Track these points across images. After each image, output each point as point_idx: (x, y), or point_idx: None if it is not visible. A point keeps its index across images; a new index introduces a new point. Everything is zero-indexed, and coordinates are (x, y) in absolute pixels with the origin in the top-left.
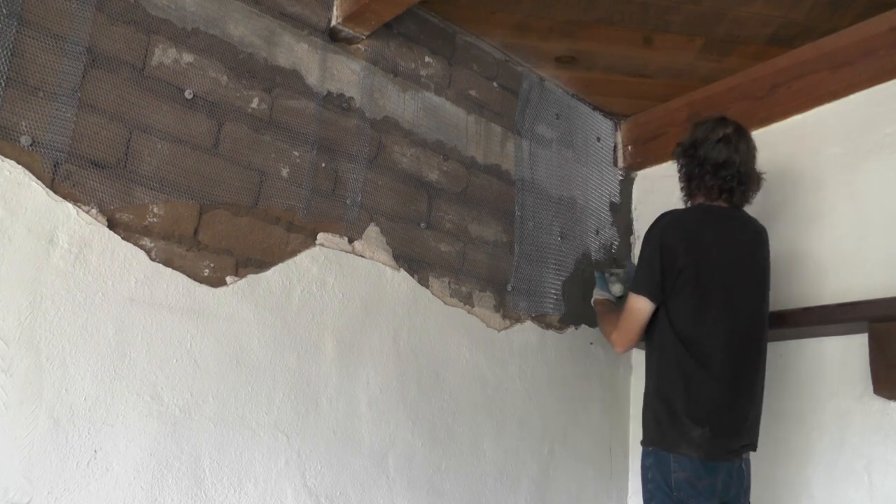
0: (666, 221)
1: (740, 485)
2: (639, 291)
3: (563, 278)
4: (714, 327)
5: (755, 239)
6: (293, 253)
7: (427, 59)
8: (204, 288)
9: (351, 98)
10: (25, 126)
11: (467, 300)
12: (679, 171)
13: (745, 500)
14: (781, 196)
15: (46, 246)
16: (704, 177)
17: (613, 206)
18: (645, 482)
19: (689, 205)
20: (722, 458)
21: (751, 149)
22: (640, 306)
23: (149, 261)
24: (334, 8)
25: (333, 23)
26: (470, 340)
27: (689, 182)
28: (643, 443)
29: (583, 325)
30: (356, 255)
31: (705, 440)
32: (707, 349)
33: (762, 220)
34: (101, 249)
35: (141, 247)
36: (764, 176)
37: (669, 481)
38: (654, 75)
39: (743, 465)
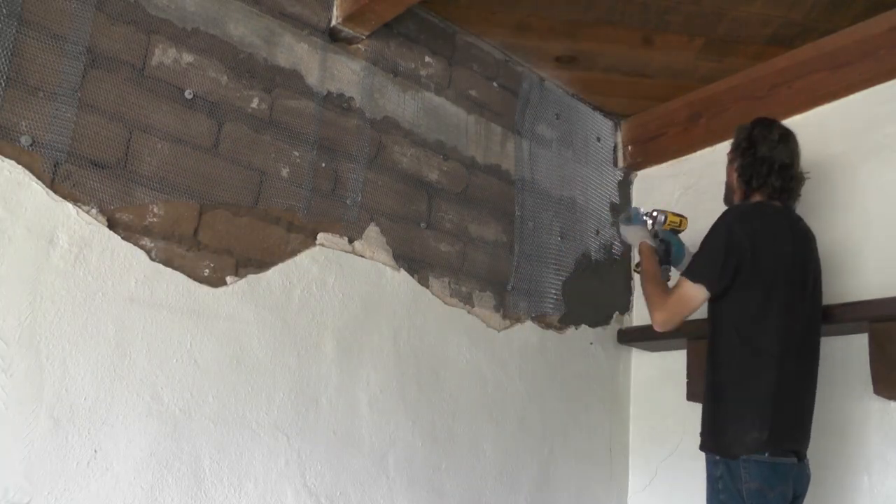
0: (735, 215)
1: (803, 486)
2: (697, 279)
3: (563, 278)
4: (775, 326)
5: (808, 238)
6: (293, 253)
7: (427, 59)
8: (204, 288)
9: (351, 98)
10: (25, 126)
11: (467, 300)
12: (737, 171)
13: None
14: None
15: (46, 246)
16: (770, 176)
17: (613, 206)
18: (715, 492)
19: (744, 201)
20: (785, 454)
21: (799, 149)
22: (695, 294)
23: (149, 261)
24: (334, 8)
25: (333, 23)
26: (470, 340)
27: (750, 181)
28: (702, 447)
29: (583, 325)
30: (356, 255)
31: (763, 441)
32: (768, 347)
33: None
34: (101, 249)
35: (141, 247)
36: (807, 175)
37: (742, 492)
38: (654, 75)
39: (808, 470)
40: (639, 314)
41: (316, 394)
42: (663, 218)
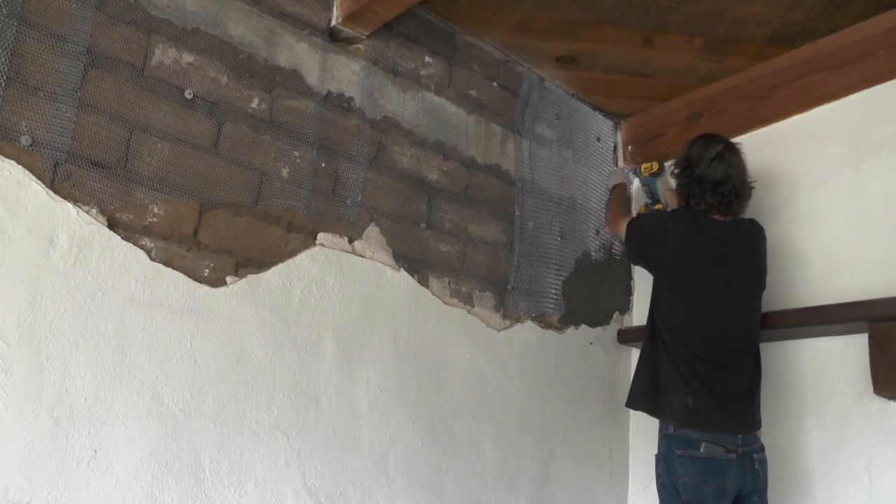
0: (674, 219)
1: (754, 483)
2: (627, 238)
3: (563, 278)
4: (694, 322)
5: (748, 241)
6: (293, 253)
7: (427, 59)
8: (204, 288)
9: (351, 98)
10: (25, 126)
11: (467, 300)
12: (677, 190)
13: (760, 499)
14: (782, 196)
15: (46, 246)
16: (705, 194)
17: None
18: (657, 487)
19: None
20: (717, 449)
21: (742, 162)
22: (622, 235)
23: (149, 261)
24: (334, 8)
25: (333, 23)
26: (470, 340)
27: (689, 200)
28: (628, 404)
29: (583, 325)
30: (356, 255)
31: (685, 410)
32: (685, 339)
33: (763, 221)
34: (101, 249)
35: (141, 247)
36: (753, 185)
37: (677, 486)
38: (654, 75)
39: (757, 466)
40: (639, 314)
41: (316, 394)
42: (640, 169)
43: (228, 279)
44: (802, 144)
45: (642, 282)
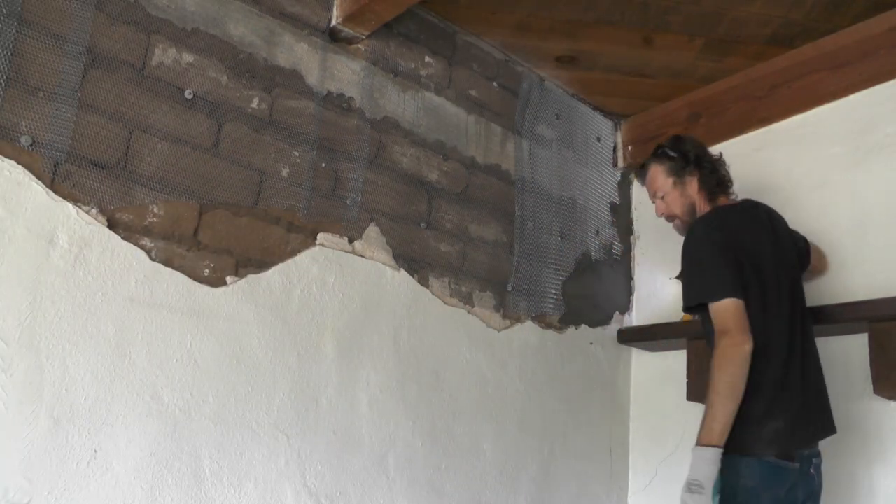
0: (709, 225)
1: (808, 490)
2: (718, 297)
3: (563, 278)
4: (773, 323)
5: (774, 219)
6: (293, 253)
7: (427, 59)
8: (204, 288)
9: (351, 98)
10: (25, 126)
11: (467, 300)
12: (699, 186)
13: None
14: (781, 196)
15: (46, 246)
16: (718, 171)
17: (613, 206)
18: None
19: (708, 209)
20: (800, 447)
21: None
22: (729, 307)
23: (149, 261)
24: (334, 8)
25: (333, 23)
26: (470, 340)
27: (715, 188)
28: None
29: (583, 325)
30: (356, 255)
31: (780, 434)
32: (771, 342)
33: None
34: (101, 249)
35: (141, 247)
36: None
37: (736, 487)
38: (654, 75)
39: (812, 470)
40: (639, 314)
41: (316, 394)
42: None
43: (228, 279)
44: (802, 144)
45: (642, 282)
